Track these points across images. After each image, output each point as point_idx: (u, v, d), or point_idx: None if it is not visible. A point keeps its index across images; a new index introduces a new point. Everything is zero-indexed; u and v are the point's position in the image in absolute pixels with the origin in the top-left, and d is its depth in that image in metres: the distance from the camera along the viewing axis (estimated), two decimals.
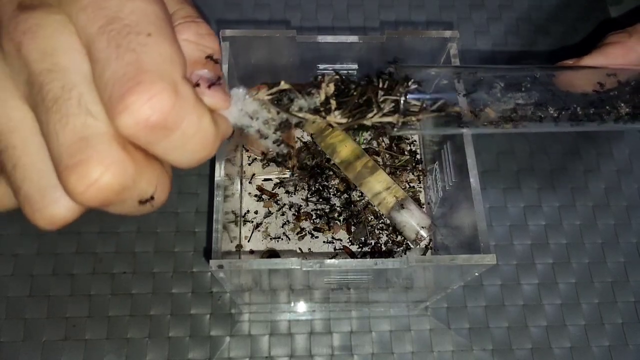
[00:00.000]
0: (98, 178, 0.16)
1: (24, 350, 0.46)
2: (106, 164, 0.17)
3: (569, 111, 0.26)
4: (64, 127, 0.16)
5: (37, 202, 0.18)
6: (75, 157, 0.16)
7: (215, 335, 0.47)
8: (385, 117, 0.24)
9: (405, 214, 0.47)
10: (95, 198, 0.17)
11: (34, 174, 0.18)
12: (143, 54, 0.17)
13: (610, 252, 0.52)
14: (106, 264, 0.49)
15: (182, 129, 0.17)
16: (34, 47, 0.17)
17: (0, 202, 0.20)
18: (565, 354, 0.48)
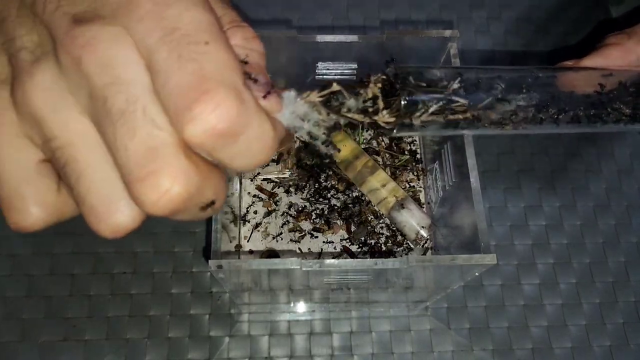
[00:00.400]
0: (169, 188, 0.17)
1: (22, 351, 0.45)
2: (175, 174, 0.17)
3: (569, 113, 0.26)
4: (131, 139, 0.17)
5: (101, 213, 0.18)
6: (145, 169, 0.17)
7: (215, 336, 0.47)
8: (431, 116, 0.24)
9: (406, 213, 0.47)
10: (165, 208, 0.17)
11: (98, 185, 0.18)
12: (204, 63, 0.17)
13: (611, 252, 0.52)
14: (106, 264, 0.49)
15: (246, 135, 0.18)
16: (93, 61, 0.17)
17: (62, 211, 0.20)
18: (566, 354, 0.48)
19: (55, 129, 0.18)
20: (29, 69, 0.18)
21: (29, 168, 0.19)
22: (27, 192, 0.19)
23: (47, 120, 0.18)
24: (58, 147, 0.18)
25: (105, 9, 0.18)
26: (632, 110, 0.27)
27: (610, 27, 0.37)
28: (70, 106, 0.18)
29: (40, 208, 0.19)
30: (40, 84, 0.18)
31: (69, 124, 0.18)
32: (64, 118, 0.18)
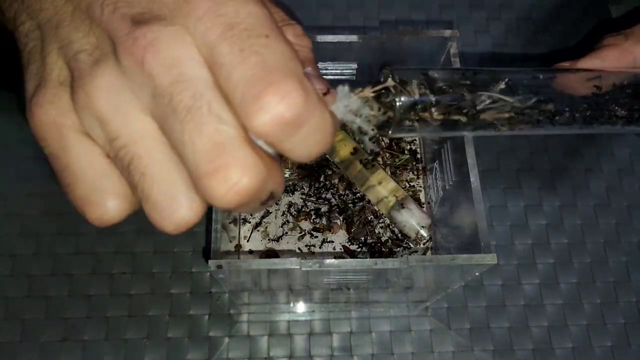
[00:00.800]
0: (237, 182, 0.17)
1: (22, 351, 0.45)
2: (243, 167, 0.17)
3: (565, 114, 0.26)
4: (199, 135, 0.17)
5: (165, 209, 0.19)
6: (214, 163, 0.17)
7: (214, 336, 0.47)
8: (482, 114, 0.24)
9: (405, 213, 0.47)
10: (234, 201, 0.18)
11: (161, 181, 0.18)
12: (267, 55, 0.17)
13: (611, 251, 0.52)
14: (105, 265, 0.49)
15: (308, 125, 0.18)
16: (157, 61, 0.17)
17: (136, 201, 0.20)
18: (566, 355, 0.48)
19: (119, 128, 0.18)
20: (90, 71, 0.18)
21: (100, 163, 0.19)
22: (103, 186, 0.19)
23: (111, 120, 0.18)
24: (122, 145, 0.18)
25: (163, 9, 0.18)
26: (629, 112, 0.27)
27: (610, 27, 0.36)
28: (132, 105, 0.18)
29: (117, 200, 0.20)
30: (102, 85, 0.18)
31: (132, 123, 0.18)
32: (126, 117, 0.18)
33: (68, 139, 0.19)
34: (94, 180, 0.19)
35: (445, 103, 0.25)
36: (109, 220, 0.20)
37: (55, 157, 0.20)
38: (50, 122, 0.19)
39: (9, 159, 0.53)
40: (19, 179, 0.52)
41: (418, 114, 0.24)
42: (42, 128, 0.19)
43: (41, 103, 0.19)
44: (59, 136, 0.19)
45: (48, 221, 0.50)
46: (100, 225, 0.20)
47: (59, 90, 0.19)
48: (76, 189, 0.19)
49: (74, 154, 0.19)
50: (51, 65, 0.19)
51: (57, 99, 0.19)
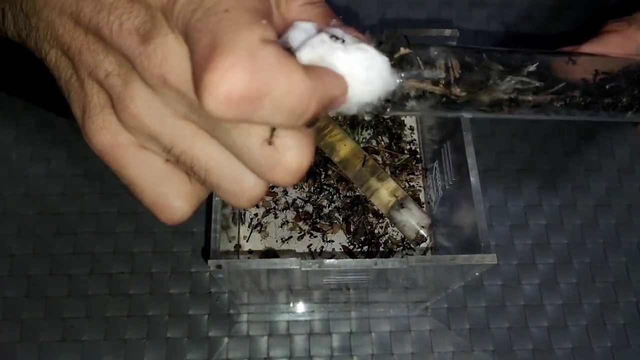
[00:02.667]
0: (299, 163, 0.19)
1: (21, 351, 0.45)
2: (298, 147, 0.18)
3: (566, 99, 0.26)
4: (249, 137, 0.18)
5: (237, 192, 0.20)
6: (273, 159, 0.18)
7: (214, 336, 0.47)
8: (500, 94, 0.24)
9: (405, 213, 0.47)
10: (301, 176, 0.19)
11: (225, 171, 0.20)
12: (218, 32, 0.16)
13: (611, 251, 0.52)
14: (104, 264, 0.49)
15: (271, 94, 0.16)
16: (176, 76, 0.18)
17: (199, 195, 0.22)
18: (566, 355, 0.47)
19: (170, 139, 0.20)
20: (125, 93, 0.19)
21: (159, 170, 0.21)
22: (166, 191, 0.21)
23: (161, 135, 0.19)
24: (180, 153, 0.20)
25: (157, 14, 0.18)
26: (630, 99, 0.27)
27: (608, 15, 0.36)
28: (173, 116, 0.19)
29: (181, 200, 0.21)
30: (141, 105, 0.19)
31: (181, 132, 0.19)
32: (174, 128, 0.19)
33: (126, 156, 0.21)
34: (158, 187, 0.21)
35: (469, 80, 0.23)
36: (180, 218, 0.22)
37: (121, 174, 0.21)
38: (108, 146, 0.20)
39: (7, 159, 0.53)
40: (17, 179, 0.52)
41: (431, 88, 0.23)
42: (103, 152, 0.21)
43: (95, 132, 0.20)
44: (118, 155, 0.21)
45: (46, 221, 0.50)
46: (174, 223, 0.22)
47: (105, 114, 0.20)
48: (144, 198, 0.21)
49: (135, 168, 0.21)
50: (89, 92, 0.20)
51: (107, 123, 0.20)
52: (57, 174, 0.52)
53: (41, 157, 0.52)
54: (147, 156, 0.21)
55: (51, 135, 0.54)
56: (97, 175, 0.52)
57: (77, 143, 0.53)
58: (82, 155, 0.53)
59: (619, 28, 0.33)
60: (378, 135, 0.54)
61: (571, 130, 0.58)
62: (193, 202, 0.22)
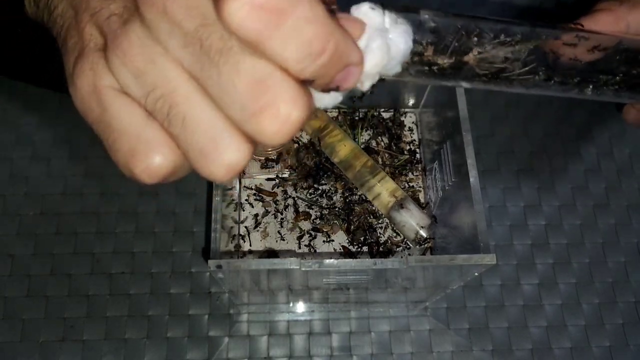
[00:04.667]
0: (289, 115, 0.17)
1: (21, 351, 0.45)
2: (292, 99, 0.17)
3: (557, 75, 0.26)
4: (238, 75, 0.17)
5: (212, 152, 0.18)
6: (261, 101, 0.17)
7: (214, 336, 0.47)
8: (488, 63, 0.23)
9: (405, 213, 0.47)
10: (288, 134, 0.17)
11: (204, 125, 0.18)
12: None
13: (610, 251, 0.52)
14: (104, 264, 0.49)
15: (294, 14, 0.16)
16: (178, 7, 0.17)
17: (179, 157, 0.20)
18: (565, 355, 0.48)
19: (155, 79, 0.18)
20: (120, 31, 0.19)
21: (141, 116, 0.19)
22: (147, 135, 0.19)
23: (146, 73, 0.18)
24: (160, 96, 0.18)
25: None
26: (618, 77, 0.27)
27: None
28: (165, 57, 0.18)
29: (163, 147, 0.19)
30: (134, 41, 0.18)
31: (166, 73, 0.18)
32: (161, 69, 0.18)
33: (107, 98, 0.19)
34: (138, 131, 0.19)
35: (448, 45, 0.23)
36: (156, 170, 0.19)
37: (98, 121, 0.20)
38: (90, 88, 0.19)
39: (6, 159, 0.53)
40: (17, 179, 0.52)
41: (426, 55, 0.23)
42: (84, 96, 0.20)
43: (81, 71, 0.19)
44: (99, 98, 0.19)
45: (47, 221, 0.50)
46: (149, 178, 0.20)
47: (95, 57, 0.19)
48: (122, 143, 0.19)
49: (115, 110, 0.19)
50: (87, 37, 0.20)
51: (94, 65, 0.19)
52: (57, 174, 0.52)
53: (41, 157, 0.52)
54: (128, 100, 0.19)
55: (51, 136, 0.54)
56: (97, 175, 0.52)
57: (77, 143, 0.53)
58: (82, 155, 0.53)
59: (610, 7, 0.33)
60: (378, 136, 0.54)
61: (571, 130, 0.58)
62: (173, 157, 0.20)
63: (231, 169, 0.18)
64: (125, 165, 0.20)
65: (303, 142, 0.53)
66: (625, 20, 0.32)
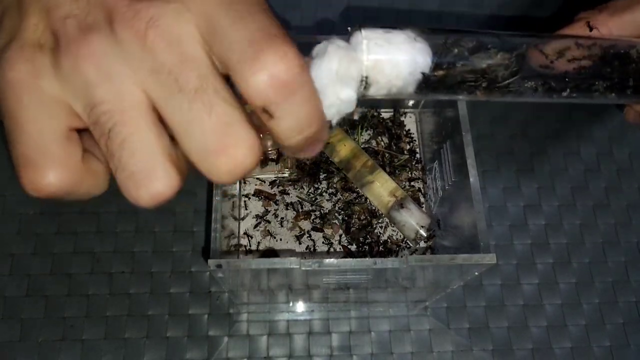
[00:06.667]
0: (243, 160, 0.18)
1: (21, 350, 0.45)
2: (249, 147, 0.18)
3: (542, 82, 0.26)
4: (208, 115, 0.18)
5: (143, 179, 0.19)
6: (223, 142, 0.18)
7: (214, 335, 0.47)
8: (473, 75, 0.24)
9: (405, 213, 0.47)
10: (237, 176, 0.19)
11: (143, 151, 0.18)
12: (265, 21, 0.18)
13: (611, 251, 0.52)
14: (104, 264, 0.49)
15: (302, 92, 0.18)
16: (159, 38, 0.18)
17: (78, 183, 0.20)
18: (566, 354, 0.48)
19: (105, 94, 0.18)
20: (81, 37, 0.18)
21: (57, 130, 0.19)
22: (50, 150, 0.19)
23: (98, 86, 0.18)
24: (106, 110, 0.18)
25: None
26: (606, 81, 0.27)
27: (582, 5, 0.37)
28: (126, 76, 0.18)
29: (59, 169, 0.19)
30: (94, 52, 0.18)
31: (122, 92, 0.18)
32: (117, 86, 0.18)
33: (34, 99, 0.19)
34: (44, 142, 0.19)
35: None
36: (41, 187, 0.19)
37: (11, 114, 0.19)
38: (20, 79, 0.18)
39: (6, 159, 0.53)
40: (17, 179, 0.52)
41: None
42: (8, 83, 0.19)
43: (16, 60, 0.19)
44: (23, 94, 0.19)
45: (46, 221, 0.50)
46: (31, 191, 0.19)
47: (39, 52, 0.19)
48: (23, 146, 0.19)
49: (35, 113, 0.19)
50: (31, 27, 0.19)
51: (36, 60, 0.19)
52: None
53: None
54: (57, 111, 0.19)
55: None
56: None
57: None
58: None
59: (589, 15, 0.34)
60: (378, 136, 0.54)
61: (571, 130, 0.58)
62: (67, 182, 0.19)
63: (157, 198, 0.19)
64: (16, 167, 0.19)
65: None
66: (606, 26, 0.33)
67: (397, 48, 0.21)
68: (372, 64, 0.21)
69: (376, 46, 0.21)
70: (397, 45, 0.21)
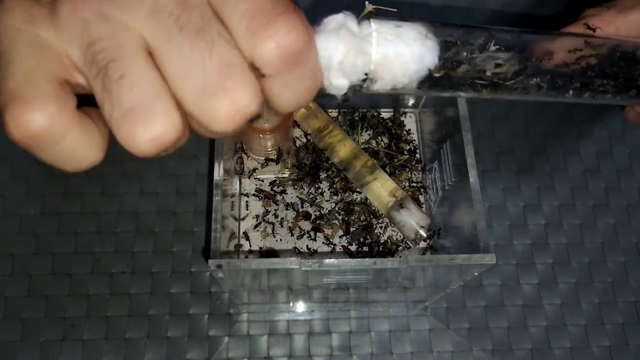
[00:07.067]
0: (246, 106, 0.17)
1: (21, 350, 0.45)
2: (252, 94, 0.18)
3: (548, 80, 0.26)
4: (210, 54, 0.17)
5: (141, 117, 0.17)
6: (225, 84, 0.17)
7: (214, 336, 0.47)
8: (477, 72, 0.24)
9: (405, 213, 0.47)
10: (237, 124, 0.18)
11: (142, 86, 0.17)
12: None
13: (610, 251, 0.52)
14: (104, 264, 0.49)
15: (305, 66, 0.18)
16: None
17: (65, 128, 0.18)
18: (565, 354, 0.48)
19: (103, 33, 0.18)
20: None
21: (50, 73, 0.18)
22: (41, 86, 0.18)
23: (96, 26, 0.18)
24: (102, 48, 0.17)
25: None
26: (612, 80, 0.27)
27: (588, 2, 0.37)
28: (123, 18, 0.18)
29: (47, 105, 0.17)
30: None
31: (119, 31, 0.18)
32: (114, 26, 0.18)
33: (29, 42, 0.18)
34: (36, 79, 0.18)
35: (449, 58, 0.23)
36: (26, 123, 0.17)
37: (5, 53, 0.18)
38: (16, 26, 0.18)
39: (7, 158, 0.53)
40: (17, 179, 0.52)
41: None
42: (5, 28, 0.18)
43: (13, 8, 0.18)
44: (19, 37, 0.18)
45: (47, 221, 0.50)
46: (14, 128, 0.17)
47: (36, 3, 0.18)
48: (13, 81, 0.18)
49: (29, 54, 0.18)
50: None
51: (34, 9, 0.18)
52: (58, 173, 0.52)
53: None
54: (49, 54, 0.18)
55: None
56: (98, 175, 0.52)
57: None
58: None
59: (598, 12, 0.33)
60: (378, 136, 0.54)
61: (570, 130, 0.58)
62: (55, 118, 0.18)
63: (157, 140, 0.17)
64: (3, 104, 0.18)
65: (303, 142, 0.53)
66: (614, 24, 0.33)
67: (407, 45, 0.21)
68: (380, 59, 0.21)
69: (386, 41, 0.21)
70: (407, 42, 0.21)
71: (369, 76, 0.21)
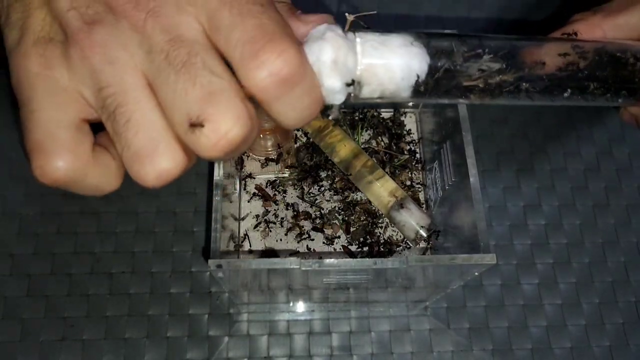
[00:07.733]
0: (228, 130, 0.18)
1: (21, 351, 0.45)
2: (235, 117, 0.18)
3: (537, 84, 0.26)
4: (193, 84, 0.18)
5: (148, 156, 0.19)
6: (206, 112, 0.18)
7: (214, 335, 0.47)
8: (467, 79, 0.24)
9: (405, 213, 0.47)
10: (223, 149, 0.18)
11: (146, 128, 0.19)
12: (264, 20, 0.19)
13: (610, 251, 0.52)
14: (104, 264, 0.49)
15: (302, 85, 0.19)
16: (158, 24, 0.19)
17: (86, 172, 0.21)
18: (565, 354, 0.48)
19: (110, 78, 0.19)
20: (86, 29, 0.19)
21: (67, 119, 0.20)
22: (60, 137, 0.20)
23: (103, 71, 0.19)
24: (110, 94, 0.19)
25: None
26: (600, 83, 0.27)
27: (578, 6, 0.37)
28: (126, 61, 0.19)
29: (67, 155, 0.20)
30: (98, 41, 0.19)
31: (124, 75, 0.19)
32: (119, 70, 0.19)
33: (47, 89, 0.20)
34: (55, 130, 0.20)
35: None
36: (49, 173, 0.20)
37: (26, 103, 0.20)
38: (35, 71, 0.20)
39: (6, 158, 0.53)
40: (17, 179, 0.52)
41: None
42: (24, 75, 0.20)
43: (30, 53, 0.20)
44: (37, 84, 0.20)
45: (47, 221, 0.50)
46: (39, 176, 0.20)
47: (50, 45, 0.20)
48: (35, 133, 0.20)
49: (48, 102, 0.20)
50: (40, 21, 0.20)
51: (47, 53, 0.20)
52: None
53: None
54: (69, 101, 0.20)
55: None
56: None
57: None
58: None
59: (585, 17, 0.34)
60: (378, 136, 0.54)
61: (571, 130, 0.58)
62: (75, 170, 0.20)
63: (162, 176, 0.19)
64: (28, 153, 0.20)
65: (303, 142, 0.53)
66: (600, 28, 0.33)
67: (391, 51, 0.21)
68: (365, 64, 0.21)
69: (371, 48, 0.21)
70: (392, 49, 0.21)
71: (356, 80, 0.21)
